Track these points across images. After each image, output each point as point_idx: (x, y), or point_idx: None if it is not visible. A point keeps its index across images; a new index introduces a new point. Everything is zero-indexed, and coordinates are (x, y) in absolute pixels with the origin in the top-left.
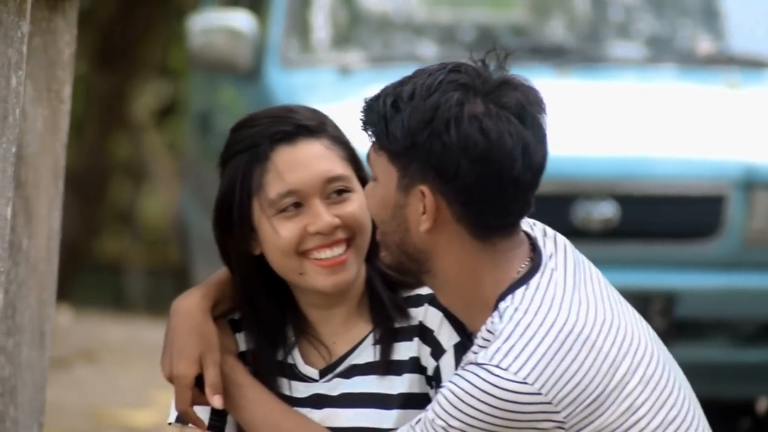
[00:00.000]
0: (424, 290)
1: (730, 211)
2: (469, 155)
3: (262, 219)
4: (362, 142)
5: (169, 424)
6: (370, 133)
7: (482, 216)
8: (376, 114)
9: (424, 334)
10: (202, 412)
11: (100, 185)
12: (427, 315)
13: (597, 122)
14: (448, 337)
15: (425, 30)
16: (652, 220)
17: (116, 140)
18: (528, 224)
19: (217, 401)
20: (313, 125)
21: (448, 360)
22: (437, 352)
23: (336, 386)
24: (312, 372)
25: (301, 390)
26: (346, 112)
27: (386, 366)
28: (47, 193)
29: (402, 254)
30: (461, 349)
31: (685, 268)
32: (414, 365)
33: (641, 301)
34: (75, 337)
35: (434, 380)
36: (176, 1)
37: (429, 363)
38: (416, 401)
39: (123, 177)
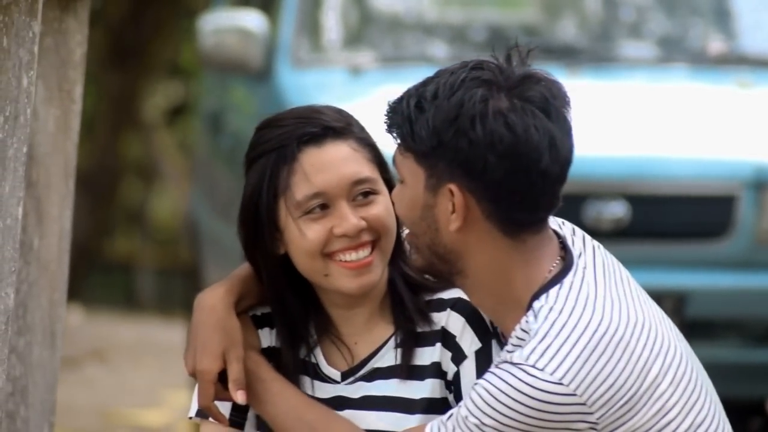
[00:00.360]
0: (446, 294)
1: (740, 210)
2: (496, 151)
3: (288, 220)
4: (385, 143)
5: (190, 418)
6: (395, 135)
7: (512, 211)
8: (400, 116)
9: (447, 339)
10: (223, 408)
11: (110, 185)
12: (450, 320)
13: (608, 122)
14: (469, 342)
15: (436, 30)
16: (662, 220)
17: (127, 140)
18: (557, 223)
19: (240, 397)
20: (339, 126)
21: (468, 366)
22: (458, 357)
23: (357, 389)
24: (334, 373)
25: (323, 390)
26: (358, 112)
27: (408, 370)
28: (58, 192)
29: (433, 255)
30: (482, 356)
31: (696, 267)
32: (436, 370)
33: None
34: (86, 336)
35: (453, 385)
36: (187, 1)
37: (449, 368)
38: (438, 406)
39: (134, 177)
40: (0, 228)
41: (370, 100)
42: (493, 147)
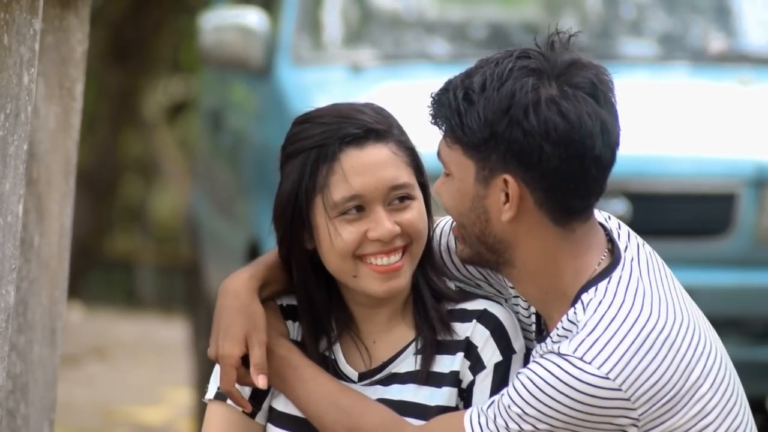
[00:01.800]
0: (470, 305)
1: (741, 209)
2: (551, 139)
3: (322, 218)
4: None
5: (206, 400)
6: (441, 127)
7: (565, 199)
8: (447, 108)
9: (469, 349)
10: (243, 393)
11: (111, 182)
12: (475, 331)
13: None
14: (490, 354)
15: (437, 28)
16: (663, 218)
17: (127, 138)
18: (603, 217)
19: (261, 381)
20: (381, 129)
21: (485, 377)
22: (477, 367)
23: (373, 392)
24: (352, 373)
25: None
26: None
27: (426, 376)
28: (59, 190)
29: (481, 246)
30: (501, 370)
31: (696, 265)
32: (453, 379)
33: None
34: (86, 334)
35: (465, 393)
36: None
37: (466, 377)
38: None
39: (134, 174)
40: (0, 225)
41: (370, 97)
42: (548, 135)
